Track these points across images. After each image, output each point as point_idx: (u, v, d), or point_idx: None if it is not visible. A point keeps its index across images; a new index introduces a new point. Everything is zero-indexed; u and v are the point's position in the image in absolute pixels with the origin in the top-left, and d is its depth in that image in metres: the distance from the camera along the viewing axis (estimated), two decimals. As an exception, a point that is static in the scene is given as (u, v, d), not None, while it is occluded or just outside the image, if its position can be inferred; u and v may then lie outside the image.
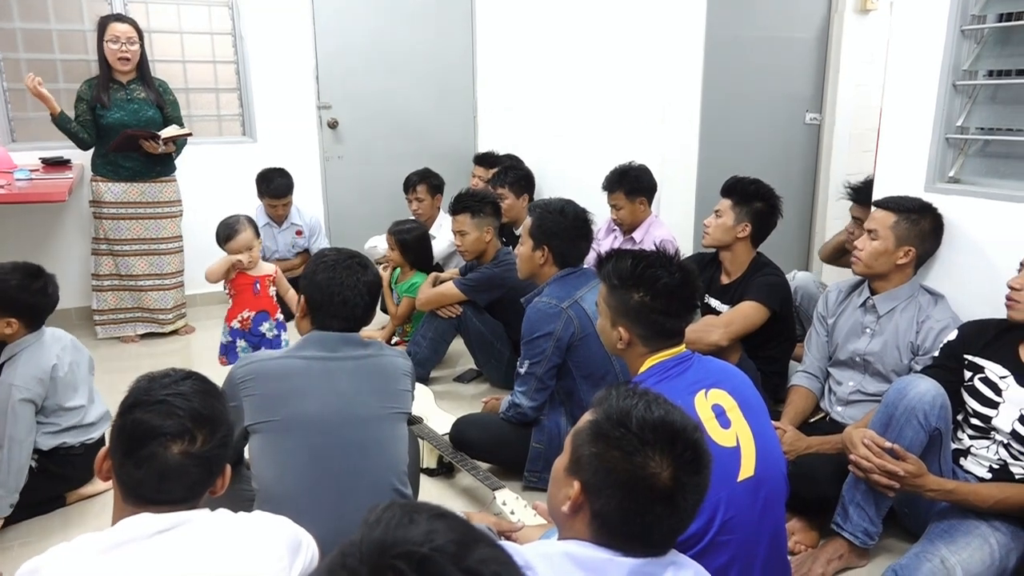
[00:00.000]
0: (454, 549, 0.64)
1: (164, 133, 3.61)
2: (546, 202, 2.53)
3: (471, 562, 0.63)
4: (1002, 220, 2.20)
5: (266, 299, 3.07)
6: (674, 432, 1.05)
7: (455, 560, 0.63)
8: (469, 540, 0.66)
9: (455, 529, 0.66)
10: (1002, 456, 1.94)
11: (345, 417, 1.70)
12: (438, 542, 0.64)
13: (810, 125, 4.31)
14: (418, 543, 0.64)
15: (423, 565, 0.62)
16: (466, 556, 0.64)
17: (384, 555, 0.62)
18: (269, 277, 3.07)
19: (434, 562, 0.62)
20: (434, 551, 0.63)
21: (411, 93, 4.89)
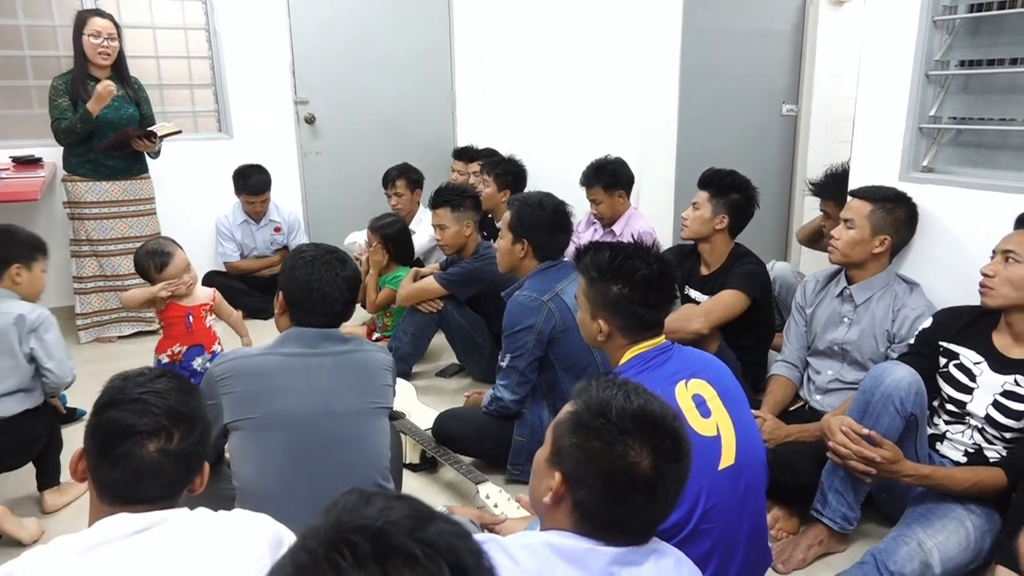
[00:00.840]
0: (410, 523, 0.65)
1: (160, 130, 3.56)
2: (525, 195, 2.53)
3: (426, 534, 0.64)
4: (975, 208, 2.23)
5: (200, 332, 2.72)
6: (654, 421, 1.05)
7: (411, 532, 0.64)
8: (425, 516, 0.67)
9: (411, 507, 0.67)
10: (977, 440, 1.97)
11: (325, 413, 1.69)
12: (392, 517, 0.65)
13: (786, 116, 4.34)
14: (373, 518, 0.65)
15: (378, 537, 0.63)
16: (421, 529, 0.64)
17: (340, 532, 0.63)
18: (205, 306, 2.75)
19: (389, 534, 0.63)
20: (389, 524, 0.64)
21: (389, 87, 4.86)
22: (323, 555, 0.62)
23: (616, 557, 1.04)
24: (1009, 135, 2.27)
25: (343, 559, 0.61)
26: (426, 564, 0.62)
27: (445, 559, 0.63)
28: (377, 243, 3.44)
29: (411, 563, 0.62)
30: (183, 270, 2.67)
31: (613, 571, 1.03)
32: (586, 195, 3.41)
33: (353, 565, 0.61)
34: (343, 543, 0.62)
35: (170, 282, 2.64)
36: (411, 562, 0.62)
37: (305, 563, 0.63)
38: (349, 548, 0.62)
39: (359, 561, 0.61)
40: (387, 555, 0.62)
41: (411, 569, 0.61)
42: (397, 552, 0.62)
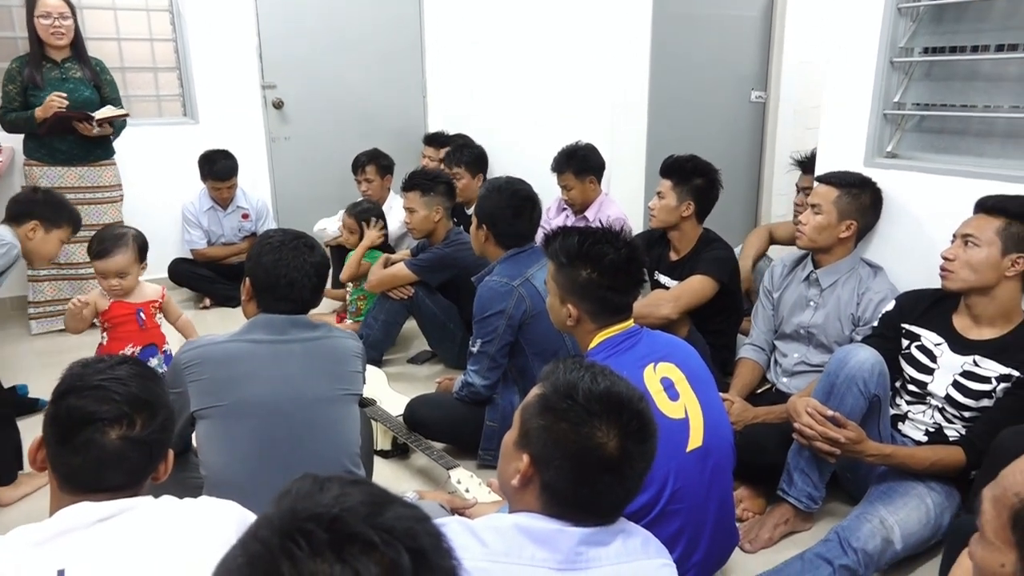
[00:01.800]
0: (366, 509, 0.63)
1: (98, 114, 3.47)
2: (493, 180, 2.54)
3: (384, 520, 0.63)
4: (937, 193, 2.28)
5: (153, 330, 2.57)
6: (620, 402, 1.07)
7: (367, 519, 0.62)
8: (382, 501, 0.65)
9: (367, 492, 0.66)
10: (937, 420, 2.02)
11: (294, 400, 1.67)
12: (348, 504, 0.64)
13: (755, 103, 4.38)
14: (328, 506, 0.63)
15: (334, 524, 0.61)
16: (378, 515, 0.63)
17: (294, 520, 0.62)
18: (155, 303, 2.57)
19: (345, 521, 0.62)
20: (344, 511, 0.63)
21: (358, 72, 4.81)
22: (278, 545, 0.60)
23: (584, 537, 1.05)
24: (969, 121, 2.32)
25: (299, 549, 0.59)
26: (384, 550, 0.61)
27: (403, 544, 0.62)
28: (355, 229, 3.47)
29: (369, 550, 0.60)
30: (113, 273, 2.45)
31: (581, 551, 1.04)
32: (557, 181, 3.42)
33: (309, 555, 0.59)
34: (298, 532, 0.60)
35: (84, 299, 2.47)
36: (369, 549, 0.61)
37: (259, 553, 0.61)
38: (304, 537, 0.60)
39: (315, 550, 0.60)
40: (344, 543, 0.60)
41: (369, 556, 0.60)
42: (354, 539, 0.61)
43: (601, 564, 1.05)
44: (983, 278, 1.92)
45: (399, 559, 0.61)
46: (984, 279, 1.92)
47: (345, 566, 0.59)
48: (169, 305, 2.65)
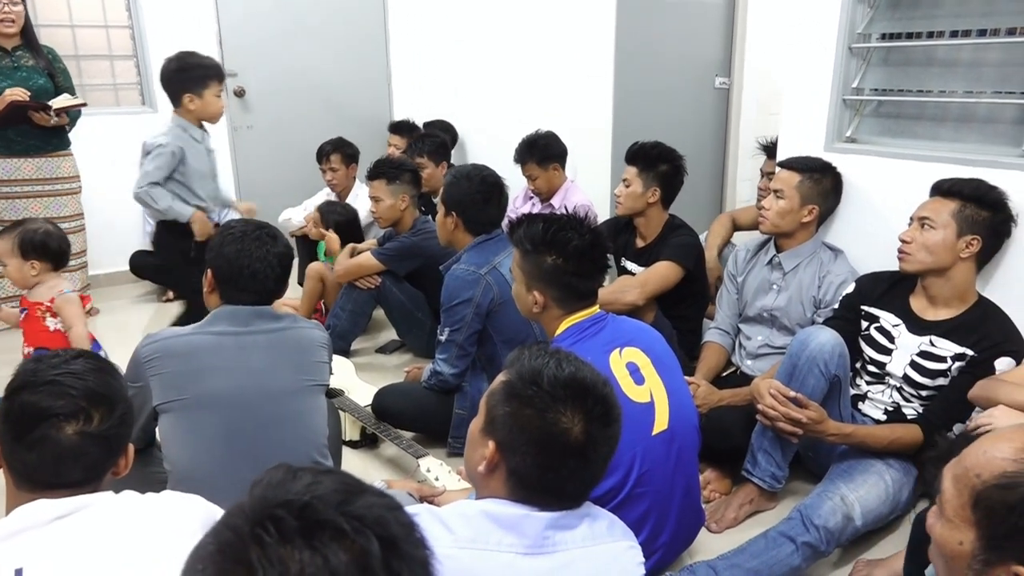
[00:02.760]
0: (337, 497, 0.64)
1: (56, 103, 3.37)
2: (458, 168, 2.52)
3: (355, 508, 0.63)
4: (894, 177, 2.32)
5: (57, 333, 2.45)
6: (584, 388, 1.07)
7: (338, 506, 0.63)
8: (354, 490, 0.66)
9: (339, 481, 0.66)
10: (895, 399, 2.07)
11: (259, 392, 1.66)
12: (320, 492, 0.64)
13: (719, 89, 4.41)
14: (300, 493, 0.63)
15: (304, 512, 0.61)
16: (350, 503, 0.64)
17: (265, 507, 0.62)
18: (40, 306, 2.43)
19: (315, 508, 0.62)
20: (316, 499, 0.63)
21: (322, 60, 4.75)
22: (247, 532, 0.60)
23: (550, 522, 1.06)
24: (925, 106, 2.36)
25: (268, 535, 0.60)
26: (355, 538, 0.61)
27: (374, 532, 0.62)
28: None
29: (339, 537, 0.61)
30: None
31: (548, 535, 1.05)
32: (522, 172, 3.41)
33: (278, 541, 0.59)
34: (268, 519, 0.61)
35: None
36: (339, 536, 0.61)
37: (229, 541, 0.61)
38: (274, 524, 0.60)
39: (285, 537, 0.60)
40: (314, 530, 0.61)
41: (339, 543, 0.60)
42: (324, 527, 0.61)
43: (568, 548, 1.06)
44: (939, 260, 1.97)
45: (369, 546, 0.61)
46: (940, 261, 1.97)
47: (315, 553, 0.59)
48: (63, 311, 2.43)
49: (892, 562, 1.77)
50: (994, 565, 0.75)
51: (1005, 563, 0.74)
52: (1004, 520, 0.74)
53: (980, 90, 2.22)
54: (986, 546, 0.76)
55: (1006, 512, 0.74)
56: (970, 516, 0.78)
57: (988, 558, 0.76)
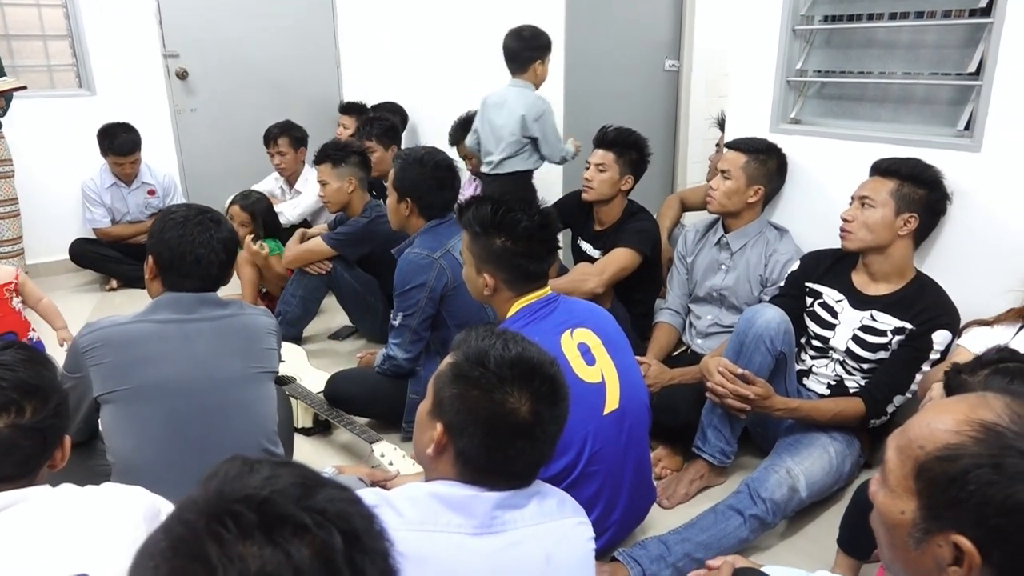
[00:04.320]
0: (297, 491, 0.62)
1: None
2: (407, 152, 2.49)
3: (315, 502, 0.62)
4: (837, 157, 2.37)
5: (8, 315, 2.39)
6: (531, 367, 1.08)
7: (299, 501, 0.61)
8: (313, 483, 0.64)
9: (298, 475, 0.65)
10: (839, 373, 2.13)
11: (205, 380, 1.62)
12: (279, 486, 0.62)
13: (669, 71, 4.43)
14: (258, 488, 0.61)
15: (264, 507, 0.60)
16: (310, 496, 0.62)
17: (222, 502, 0.60)
18: (7, 286, 2.39)
19: (275, 503, 0.60)
20: (275, 493, 0.61)
21: (267, 40, 4.63)
22: (204, 527, 0.58)
23: (499, 501, 1.06)
24: (866, 87, 2.41)
25: (226, 530, 0.57)
26: (317, 532, 0.59)
27: (336, 526, 0.61)
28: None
29: (301, 532, 0.59)
30: None
31: (497, 515, 1.05)
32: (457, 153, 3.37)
33: (238, 537, 0.57)
34: (226, 514, 0.58)
35: None
36: (301, 531, 0.59)
37: (182, 536, 0.59)
38: (233, 519, 0.58)
39: (244, 532, 0.58)
40: (275, 525, 0.59)
41: (301, 538, 0.59)
42: (285, 521, 0.59)
43: (517, 526, 1.06)
44: (879, 237, 2.02)
45: (332, 541, 0.60)
46: (880, 238, 2.02)
47: (276, 549, 0.57)
48: (26, 287, 2.48)
49: None
50: (934, 534, 0.77)
51: (945, 532, 0.76)
52: (945, 491, 0.76)
53: (918, 71, 2.27)
54: (927, 516, 0.78)
55: (947, 483, 0.76)
56: (912, 486, 0.79)
57: (928, 527, 0.78)
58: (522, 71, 3.14)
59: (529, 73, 3.13)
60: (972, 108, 2.09)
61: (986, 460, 0.74)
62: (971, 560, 0.74)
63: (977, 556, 0.74)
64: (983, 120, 2.03)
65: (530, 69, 3.12)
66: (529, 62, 3.12)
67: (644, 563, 1.73)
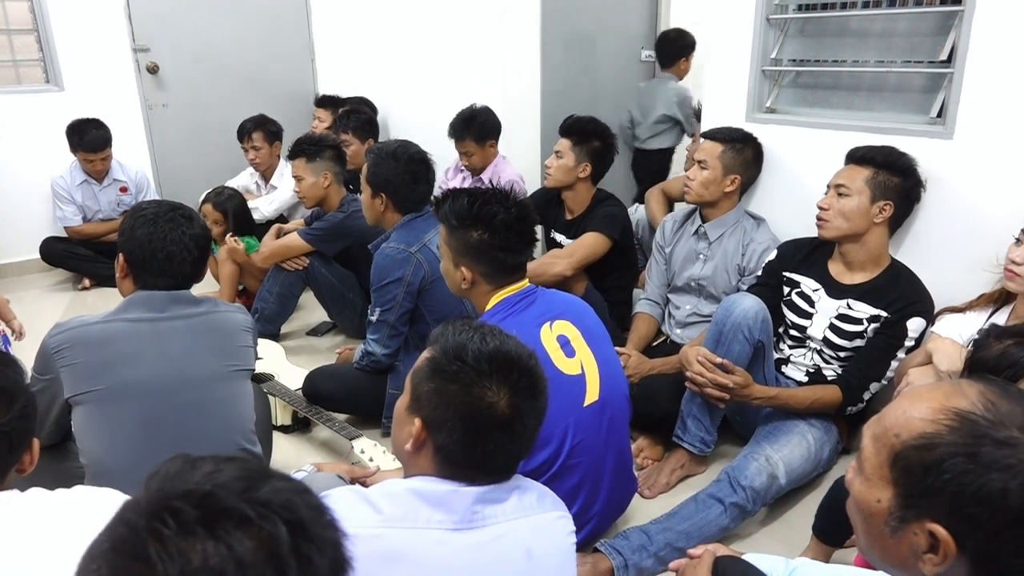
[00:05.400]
0: (241, 484, 0.61)
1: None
2: (380, 146, 2.46)
3: (260, 494, 0.61)
4: (812, 146, 2.38)
5: None
6: (509, 361, 1.07)
7: (242, 494, 0.60)
8: (258, 476, 0.63)
9: (242, 468, 0.64)
10: (816, 361, 2.14)
11: (179, 380, 1.60)
12: (221, 480, 0.61)
13: (646, 62, 4.43)
14: (200, 483, 0.61)
15: (205, 501, 0.59)
16: (254, 489, 0.61)
17: (162, 500, 0.59)
18: None
19: (217, 497, 0.59)
20: (217, 487, 0.60)
21: (240, 34, 4.56)
22: (144, 526, 0.57)
23: (479, 496, 1.05)
24: (840, 76, 2.43)
25: (166, 527, 0.56)
26: (260, 524, 0.59)
27: (281, 517, 0.60)
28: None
29: (244, 525, 0.58)
30: None
31: (477, 510, 1.05)
32: (456, 147, 3.36)
33: (178, 533, 0.56)
34: (166, 511, 0.57)
35: None
36: (244, 524, 0.58)
37: (124, 536, 0.58)
38: (173, 515, 0.57)
39: (185, 528, 0.57)
40: (216, 519, 0.58)
41: (244, 531, 0.58)
42: (227, 515, 0.58)
43: (497, 521, 1.06)
44: (855, 225, 2.04)
45: (276, 532, 0.59)
46: (856, 226, 2.04)
47: (218, 543, 0.57)
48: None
49: None
50: (909, 522, 0.77)
51: (920, 520, 0.76)
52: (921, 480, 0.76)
53: (891, 59, 2.29)
54: (902, 504, 0.78)
55: (923, 472, 0.76)
56: (888, 475, 0.79)
57: (904, 515, 0.78)
58: (669, 65, 4.07)
59: (675, 67, 4.05)
60: (944, 95, 2.11)
61: (961, 449, 0.74)
62: (946, 548, 0.74)
63: (952, 544, 0.74)
64: (955, 107, 2.04)
65: (676, 64, 4.03)
66: (675, 59, 4.03)
67: (626, 553, 1.73)
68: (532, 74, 3.74)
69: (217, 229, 3.29)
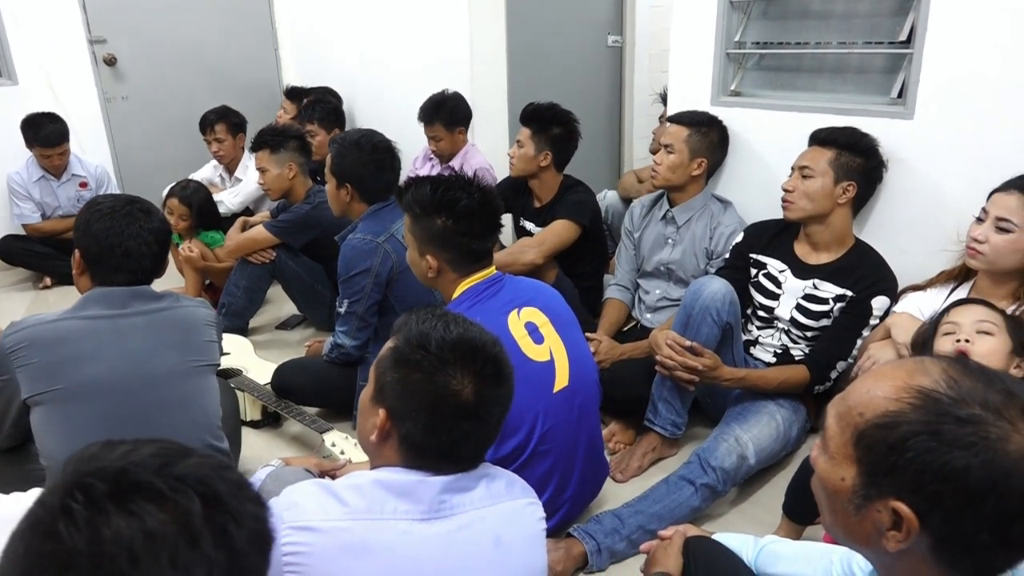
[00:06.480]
0: (157, 461, 0.62)
1: None
2: (344, 136, 2.42)
3: (176, 470, 0.61)
4: (776, 128, 2.39)
5: None
6: (473, 348, 1.06)
7: (158, 470, 0.61)
8: (176, 453, 0.64)
9: (160, 447, 0.64)
10: (784, 342, 2.16)
11: (140, 377, 1.57)
12: (136, 458, 0.62)
13: (612, 47, 4.43)
14: (114, 460, 0.61)
15: (119, 477, 0.59)
16: (171, 466, 0.62)
17: (76, 478, 0.60)
18: None
19: (130, 473, 0.60)
20: (131, 464, 0.61)
21: (200, 23, 4.47)
22: (56, 504, 0.58)
23: (446, 485, 1.04)
24: (803, 58, 2.44)
25: (76, 503, 0.57)
26: (174, 498, 0.59)
27: (196, 491, 0.60)
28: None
29: (156, 499, 0.59)
30: None
31: (444, 499, 1.04)
32: (425, 132, 3.33)
33: (86, 507, 0.57)
34: (77, 488, 0.58)
35: None
36: (156, 498, 0.59)
37: (38, 516, 0.59)
38: (83, 492, 0.58)
39: (94, 503, 0.57)
40: (127, 494, 0.58)
41: (157, 505, 0.59)
42: (138, 489, 0.59)
43: (465, 510, 1.05)
44: (819, 207, 2.05)
45: (190, 505, 0.60)
46: (820, 207, 2.05)
47: (131, 517, 0.58)
48: None
49: None
50: (873, 500, 0.78)
51: (884, 498, 0.77)
52: (885, 458, 0.76)
53: (852, 41, 2.30)
54: (866, 482, 0.79)
55: (886, 450, 0.76)
56: (852, 453, 0.80)
57: (868, 493, 0.78)
58: None
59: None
60: (904, 76, 2.12)
61: (924, 427, 0.74)
62: (909, 525, 0.75)
63: (915, 521, 0.75)
64: (915, 87, 2.06)
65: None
66: None
67: (599, 537, 1.74)
68: (499, 61, 3.71)
69: (183, 224, 3.23)
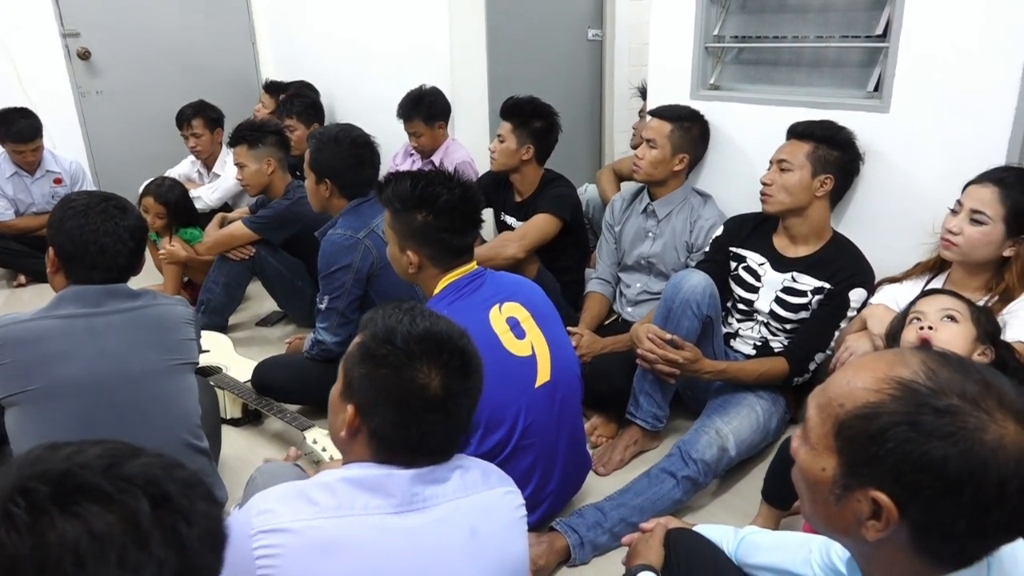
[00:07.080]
0: (103, 462, 0.60)
1: None
2: (322, 131, 2.41)
3: (123, 470, 0.60)
4: (755, 122, 2.40)
5: None
6: (440, 341, 1.06)
7: (104, 471, 0.59)
8: (124, 454, 0.62)
9: (107, 448, 0.62)
10: (763, 334, 2.18)
11: (117, 376, 1.55)
12: (82, 459, 0.60)
13: (592, 41, 4.43)
14: (58, 462, 0.59)
15: (62, 480, 0.58)
16: (119, 466, 0.60)
17: (17, 482, 0.58)
18: None
19: (75, 475, 0.58)
20: (76, 466, 0.59)
21: (176, 17, 4.42)
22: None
23: (417, 477, 1.04)
24: (781, 52, 2.45)
25: (16, 507, 0.55)
26: (121, 499, 0.58)
27: (144, 491, 0.59)
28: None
29: (102, 500, 0.57)
30: None
31: (417, 491, 1.03)
32: (405, 128, 3.32)
33: (28, 512, 0.55)
34: (18, 492, 0.56)
35: None
36: (102, 499, 0.57)
37: None
38: (24, 496, 0.56)
39: (36, 507, 0.56)
40: (71, 496, 0.57)
41: (103, 506, 0.57)
42: (83, 491, 0.57)
43: (439, 502, 1.05)
44: (797, 200, 2.07)
45: (138, 505, 0.59)
46: (798, 200, 2.07)
47: (76, 520, 0.56)
48: None
49: None
50: (853, 490, 0.79)
51: (863, 488, 0.78)
52: (865, 449, 0.77)
53: (829, 35, 2.31)
54: (847, 472, 0.79)
55: (867, 441, 0.77)
56: (832, 444, 0.80)
57: (848, 483, 0.79)
58: None
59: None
60: (880, 70, 2.14)
61: (903, 418, 0.75)
62: (888, 514, 0.76)
63: (894, 510, 0.76)
64: (891, 81, 2.08)
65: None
66: None
67: (581, 531, 1.75)
68: (479, 55, 3.69)
69: (159, 222, 3.19)
